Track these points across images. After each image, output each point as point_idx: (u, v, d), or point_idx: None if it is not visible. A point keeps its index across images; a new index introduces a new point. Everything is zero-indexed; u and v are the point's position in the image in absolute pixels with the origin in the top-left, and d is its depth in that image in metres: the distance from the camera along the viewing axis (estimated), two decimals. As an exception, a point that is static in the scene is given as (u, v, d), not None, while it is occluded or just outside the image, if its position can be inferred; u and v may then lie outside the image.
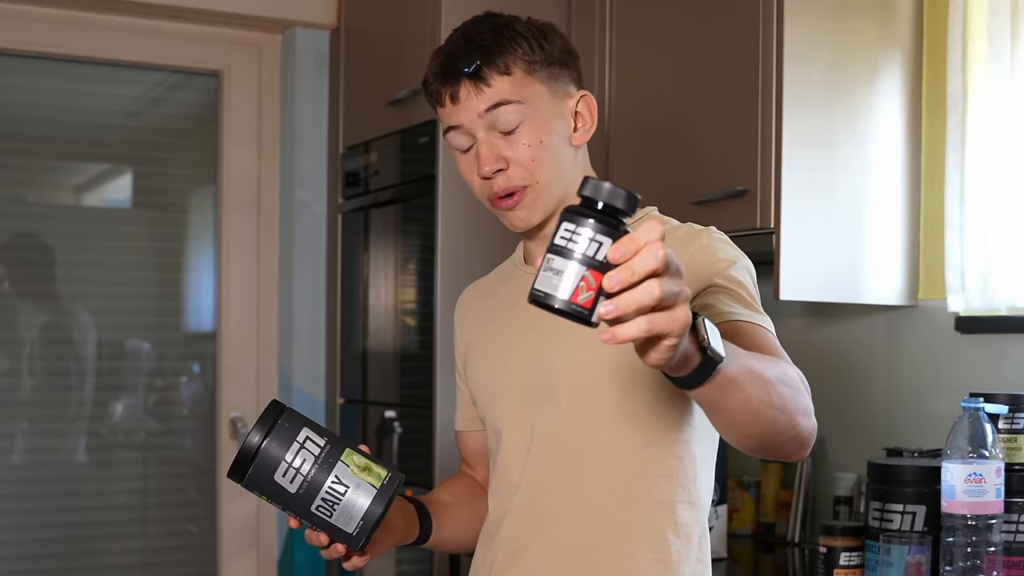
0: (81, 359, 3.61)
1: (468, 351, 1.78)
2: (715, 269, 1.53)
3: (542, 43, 1.60)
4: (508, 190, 1.59)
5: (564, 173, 1.61)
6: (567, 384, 1.58)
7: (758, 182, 2.47)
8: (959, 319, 2.52)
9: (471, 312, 1.81)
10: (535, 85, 1.58)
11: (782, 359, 1.45)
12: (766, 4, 2.46)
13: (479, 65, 1.56)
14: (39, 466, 3.57)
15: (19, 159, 3.60)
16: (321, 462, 1.48)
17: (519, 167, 1.58)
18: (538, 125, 1.58)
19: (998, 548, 2.03)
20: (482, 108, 1.57)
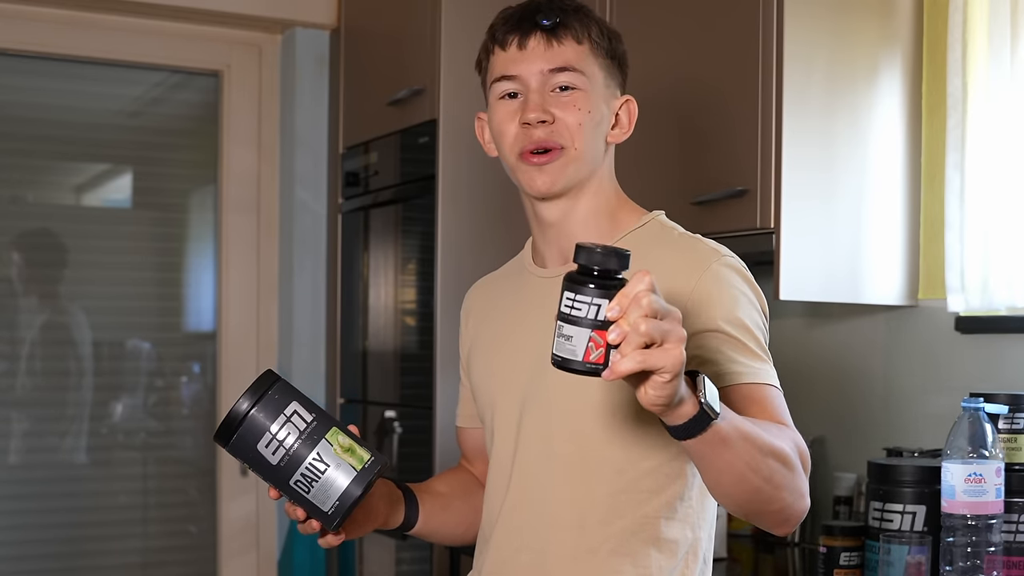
0: (81, 359, 3.61)
1: (471, 349, 1.77)
2: (721, 309, 1.51)
3: (611, 37, 1.64)
4: (546, 144, 1.58)
5: (596, 156, 1.61)
6: (559, 394, 1.57)
7: (758, 182, 2.47)
8: (959, 319, 2.52)
9: (477, 309, 1.81)
10: (596, 66, 1.60)
11: (784, 428, 1.45)
12: (766, 4, 2.46)
13: (559, 22, 1.58)
14: (39, 466, 3.57)
15: (19, 159, 3.60)
16: (305, 438, 1.48)
17: (563, 125, 1.58)
18: (591, 99, 1.59)
19: (998, 548, 2.03)
20: (548, 67, 1.58)
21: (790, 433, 1.45)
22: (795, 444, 1.43)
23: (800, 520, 1.45)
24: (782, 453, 1.38)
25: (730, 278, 1.54)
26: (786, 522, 1.44)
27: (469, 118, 3.03)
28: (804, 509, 1.44)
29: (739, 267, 1.57)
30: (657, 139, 2.78)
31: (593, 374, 1.22)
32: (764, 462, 1.35)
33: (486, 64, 1.65)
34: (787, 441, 1.41)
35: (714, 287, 1.52)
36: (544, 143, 1.58)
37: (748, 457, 1.34)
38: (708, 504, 1.61)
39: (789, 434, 1.45)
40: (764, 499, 1.39)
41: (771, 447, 1.37)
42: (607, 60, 1.62)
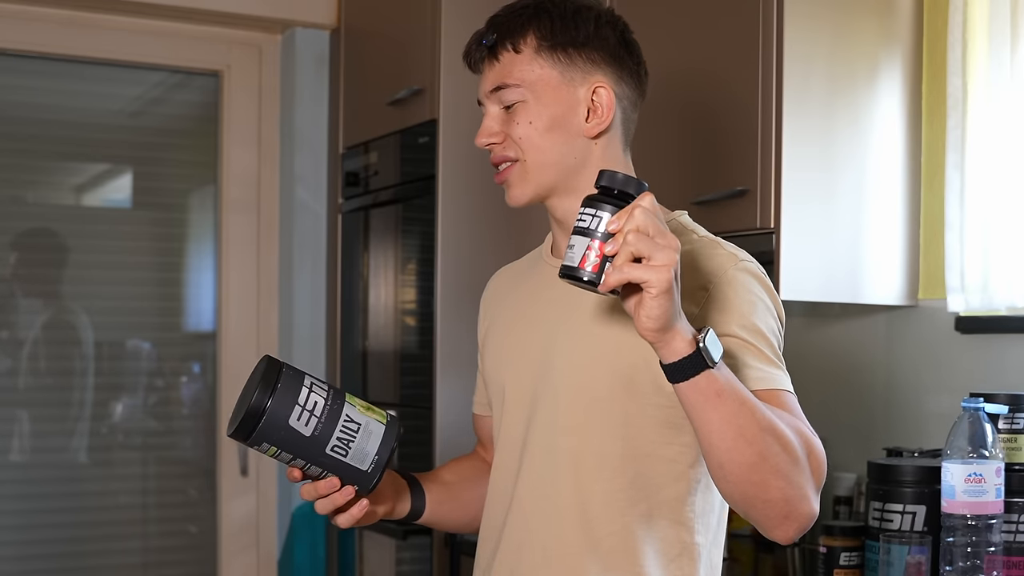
0: (81, 359, 3.61)
1: (486, 335, 1.78)
2: (736, 314, 1.51)
3: (568, 26, 1.60)
4: (498, 160, 1.62)
5: (560, 159, 1.60)
6: (565, 385, 1.58)
7: (758, 182, 2.47)
8: (959, 319, 2.52)
9: (495, 297, 1.81)
10: (543, 67, 1.59)
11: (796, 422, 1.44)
12: (766, 4, 2.46)
13: (493, 40, 1.61)
14: (39, 466, 3.57)
15: (19, 159, 3.60)
16: (331, 403, 1.51)
17: (511, 142, 1.60)
18: (533, 108, 1.58)
19: (998, 548, 2.03)
20: (489, 87, 1.62)
21: (802, 428, 1.44)
22: (804, 439, 1.42)
23: (804, 525, 1.41)
24: (784, 436, 1.37)
25: (747, 283, 1.53)
26: (786, 518, 1.40)
27: (469, 118, 3.04)
28: (808, 513, 1.41)
29: (757, 272, 1.56)
30: (657, 139, 2.78)
31: (591, 284, 1.30)
32: (761, 436, 1.35)
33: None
34: (793, 431, 1.40)
35: (731, 292, 1.52)
36: (498, 159, 1.62)
37: (744, 422, 1.34)
38: (712, 509, 1.60)
39: (800, 427, 1.43)
40: (759, 481, 1.37)
41: (772, 425, 1.36)
42: (562, 53, 1.59)
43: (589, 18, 1.61)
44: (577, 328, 1.59)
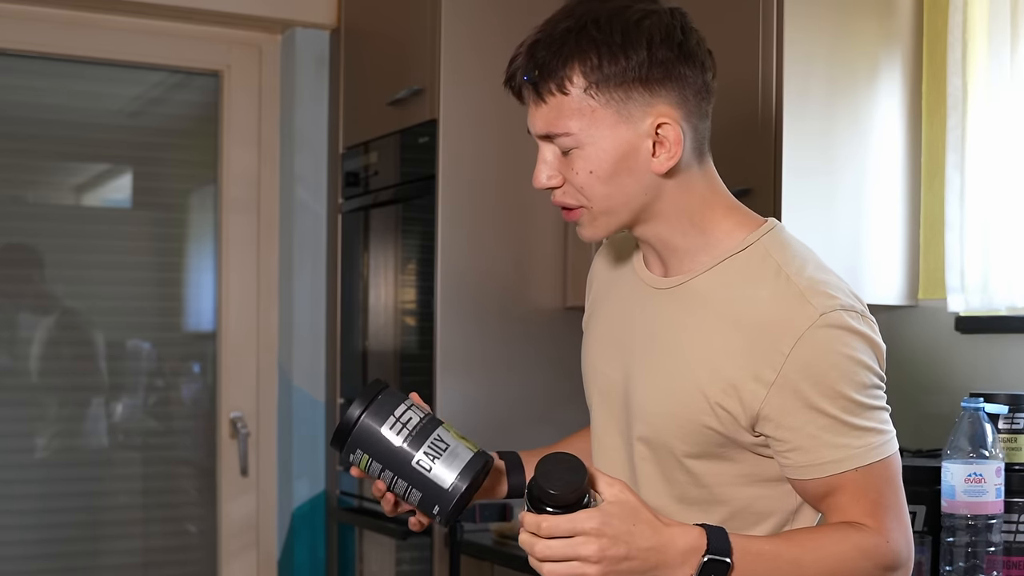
0: (81, 359, 3.61)
1: (588, 321, 1.66)
2: (820, 385, 1.37)
3: (617, 56, 1.39)
4: (564, 204, 1.47)
5: (630, 200, 1.44)
6: (639, 429, 1.50)
7: (758, 182, 2.47)
8: (959, 319, 2.52)
9: (602, 277, 1.66)
10: (595, 109, 1.40)
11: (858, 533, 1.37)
12: (766, 4, 2.46)
13: (536, 77, 1.41)
14: (39, 466, 3.57)
15: (19, 159, 3.60)
16: (427, 422, 1.53)
17: (571, 187, 1.44)
18: (590, 154, 1.41)
19: (998, 548, 2.03)
20: (537, 131, 1.45)
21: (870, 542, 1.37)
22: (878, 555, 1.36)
23: None
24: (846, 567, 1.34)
25: (833, 342, 1.37)
26: None
27: (469, 118, 3.05)
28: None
29: (847, 323, 1.38)
30: (657, 139, 2.78)
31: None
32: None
33: None
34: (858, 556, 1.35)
35: (813, 356, 1.36)
36: (562, 204, 1.47)
37: None
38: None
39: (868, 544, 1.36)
40: None
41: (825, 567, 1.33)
42: (615, 90, 1.39)
43: (641, 40, 1.39)
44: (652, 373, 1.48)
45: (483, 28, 3.03)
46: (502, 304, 3.12)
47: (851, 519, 1.38)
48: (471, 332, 3.08)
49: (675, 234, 1.47)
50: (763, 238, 1.46)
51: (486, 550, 2.83)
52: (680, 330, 1.46)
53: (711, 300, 1.44)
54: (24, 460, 3.55)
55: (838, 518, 1.39)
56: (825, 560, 1.34)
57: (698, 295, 1.46)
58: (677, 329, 1.46)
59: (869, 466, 1.39)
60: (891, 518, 1.39)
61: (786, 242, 1.47)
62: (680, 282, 1.48)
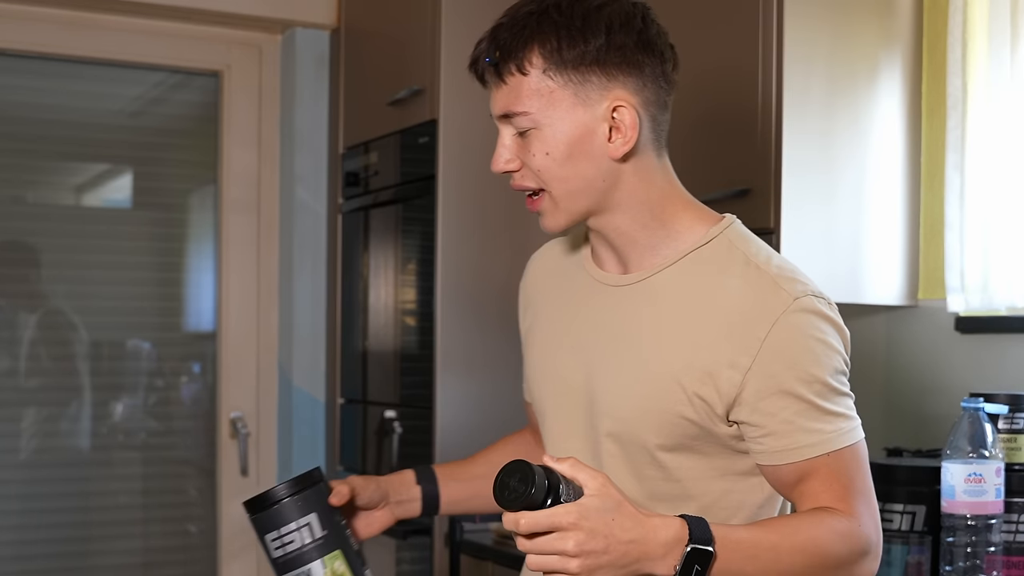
0: (82, 359, 3.61)
1: (529, 331, 1.67)
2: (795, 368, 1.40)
3: (576, 40, 1.41)
4: (524, 188, 1.49)
5: (588, 185, 1.45)
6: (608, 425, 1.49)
7: (758, 182, 2.47)
8: (959, 319, 2.52)
9: (540, 286, 1.67)
10: (553, 90, 1.42)
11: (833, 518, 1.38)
12: (766, 4, 2.46)
13: (497, 59, 1.45)
14: (39, 466, 3.57)
15: (19, 159, 3.60)
16: (307, 550, 1.56)
17: (529, 171, 1.46)
18: (547, 135, 1.44)
19: (998, 548, 2.03)
20: (496, 112, 1.47)
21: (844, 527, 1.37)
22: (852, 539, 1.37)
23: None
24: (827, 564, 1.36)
25: (807, 327, 1.41)
26: None
27: (469, 118, 3.05)
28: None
29: (818, 309, 1.43)
30: (657, 139, 2.78)
31: None
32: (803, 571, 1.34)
33: None
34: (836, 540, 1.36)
35: (788, 341, 1.39)
36: (521, 187, 1.49)
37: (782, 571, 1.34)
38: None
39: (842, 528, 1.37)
40: None
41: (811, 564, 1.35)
42: (573, 71, 1.42)
43: (600, 25, 1.42)
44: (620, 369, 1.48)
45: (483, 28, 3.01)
46: (502, 304, 3.11)
47: (823, 505, 1.39)
48: (471, 332, 3.08)
49: (636, 227, 1.49)
50: (726, 231, 1.50)
51: (486, 550, 2.83)
52: (648, 324, 1.47)
53: (680, 292, 1.46)
54: (23, 460, 3.55)
55: (810, 504, 1.40)
56: (802, 545, 1.35)
57: (665, 288, 1.47)
58: (645, 323, 1.47)
59: (840, 451, 1.41)
60: (862, 503, 1.40)
61: (748, 235, 1.52)
62: (643, 277, 1.50)
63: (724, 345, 1.40)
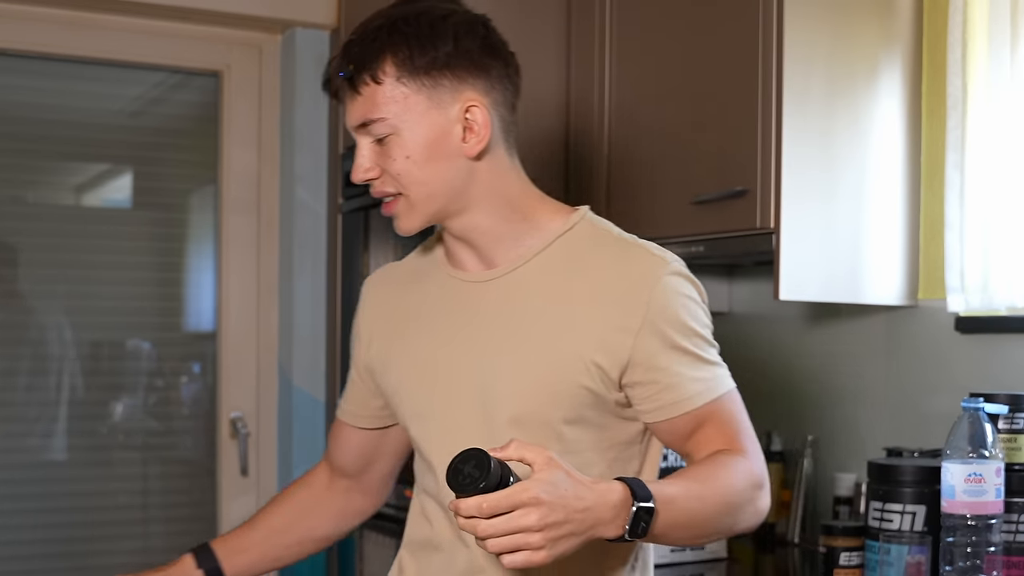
0: (81, 359, 3.61)
1: (381, 351, 1.71)
2: (677, 324, 1.52)
3: (426, 47, 1.51)
4: (383, 194, 1.57)
5: (444, 185, 1.55)
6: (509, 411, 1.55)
7: (758, 182, 2.47)
8: (959, 319, 2.52)
9: (386, 304, 1.74)
10: (408, 95, 1.51)
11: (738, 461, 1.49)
12: (766, 4, 2.46)
13: (351, 72, 1.53)
14: (39, 466, 3.57)
15: (19, 159, 3.60)
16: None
17: (388, 176, 1.55)
18: (405, 139, 1.52)
19: (998, 548, 2.03)
20: (353, 122, 1.55)
21: (742, 461, 1.49)
22: (751, 476, 1.49)
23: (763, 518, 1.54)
24: (738, 500, 1.46)
25: (681, 287, 1.54)
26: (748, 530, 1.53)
27: (469, 118, 3.05)
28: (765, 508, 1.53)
29: (685, 272, 1.57)
30: (657, 139, 2.78)
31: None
32: (725, 522, 1.47)
33: None
34: (741, 478, 1.47)
35: (668, 300, 1.52)
36: (381, 193, 1.57)
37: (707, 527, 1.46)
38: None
39: (743, 468, 1.49)
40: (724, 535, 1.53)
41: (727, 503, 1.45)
42: (424, 77, 1.51)
43: (447, 32, 1.53)
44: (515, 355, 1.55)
45: (483, 28, 3.02)
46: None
47: (718, 449, 1.52)
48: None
49: (498, 221, 1.58)
50: (586, 217, 1.62)
51: (486, 550, 2.82)
52: (534, 306, 1.55)
53: (558, 273, 1.56)
54: (23, 460, 3.55)
55: (707, 450, 1.52)
56: (720, 489, 1.45)
57: (542, 272, 1.57)
58: (530, 307, 1.55)
59: (725, 395, 1.55)
60: (749, 441, 1.54)
61: (603, 219, 1.63)
62: (517, 266, 1.58)
63: (611, 312, 1.51)
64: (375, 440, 1.82)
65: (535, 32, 3.07)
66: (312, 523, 1.86)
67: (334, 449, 1.86)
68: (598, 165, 2.94)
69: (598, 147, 2.94)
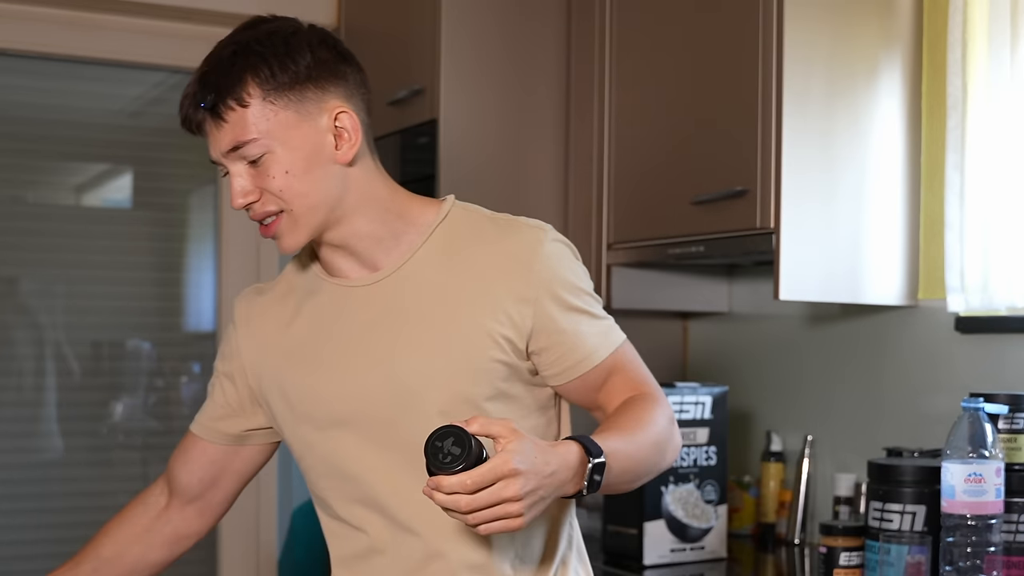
0: (81, 359, 3.61)
1: (274, 370, 1.68)
2: (567, 285, 1.59)
3: (286, 63, 1.54)
4: (264, 216, 1.56)
5: (325, 196, 1.56)
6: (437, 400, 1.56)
7: (758, 182, 2.47)
8: (959, 319, 2.52)
9: (271, 321, 1.72)
10: (277, 112, 1.53)
11: (650, 401, 1.58)
12: (766, 5, 2.46)
13: (214, 100, 1.52)
14: (39, 466, 3.57)
15: (19, 159, 3.60)
16: None
17: (269, 195, 1.55)
18: (281, 156, 1.53)
19: (998, 548, 2.03)
20: (223, 149, 1.54)
21: (655, 401, 1.59)
22: (667, 413, 1.58)
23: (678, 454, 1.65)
24: (657, 432, 1.55)
25: (562, 251, 1.61)
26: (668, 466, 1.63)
27: (469, 118, 3.06)
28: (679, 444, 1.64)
29: (561, 237, 1.62)
30: (657, 139, 2.78)
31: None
32: (655, 461, 1.55)
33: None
34: (660, 417, 1.56)
35: (554, 266, 1.58)
36: (262, 216, 1.56)
37: (643, 469, 1.54)
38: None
39: (659, 408, 1.58)
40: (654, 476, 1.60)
41: (655, 443, 1.54)
42: (290, 92, 1.53)
43: (302, 46, 1.57)
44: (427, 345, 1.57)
45: (483, 28, 3.03)
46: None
47: (630, 395, 1.60)
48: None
49: (376, 224, 1.61)
50: (455, 205, 1.66)
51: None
52: (428, 298, 1.59)
53: (445, 260, 1.60)
54: (23, 459, 3.55)
55: (619, 398, 1.60)
56: (648, 431, 1.53)
57: (428, 264, 1.60)
58: (423, 299, 1.59)
59: (622, 346, 1.63)
60: (651, 382, 1.63)
61: (471, 204, 1.68)
62: (402, 263, 1.61)
63: (504, 287, 1.56)
64: (227, 458, 1.81)
65: (535, 32, 3.08)
66: (144, 549, 1.87)
67: (180, 466, 1.85)
68: (598, 165, 2.94)
69: (598, 147, 2.95)
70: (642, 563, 2.60)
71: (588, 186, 2.98)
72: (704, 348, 3.26)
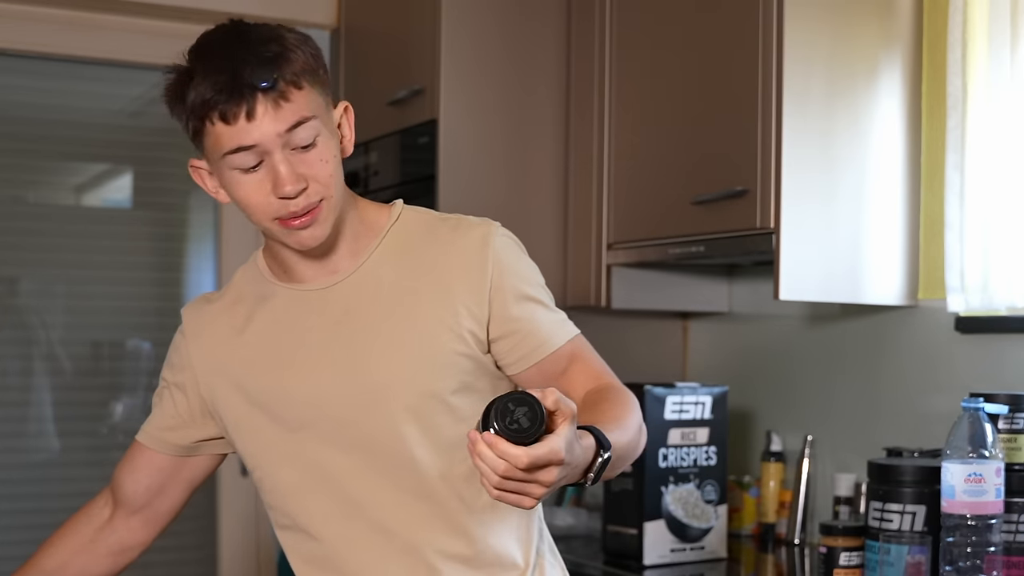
0: (81, 359, 3.61)
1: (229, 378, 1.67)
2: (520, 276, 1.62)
3: (312, 52, 1.55)
4: (308, 208, 1.52)
5: (344, 185, 1.60)
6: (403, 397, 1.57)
7: (758, 182, 2.47)
8: (959, 319, 2.52)
9: (223, 330, 1.71)
10: (319, 98, 1.54)
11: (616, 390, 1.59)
12: (766, 5, 2.46)
13: (276, 79, 1.48)
14: (39, 466, 3.57)
15: (19, 159, 3.60)
16: None
17: (317, 183, 1.52)
18: (328, 140, 1.54)
19: (998, 548, 2.03)
20: (283, 127, 1.48)
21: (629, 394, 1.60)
22: (635, 401, 1.59)
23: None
24: (638, 423, 1.56)
25: (511, 246, 1.64)
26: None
27: (469, 118, 3.06)
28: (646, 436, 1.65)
29: (509, 233, 1.65)
30: (657, 139, 2.78)
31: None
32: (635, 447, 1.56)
33: (204, 139, 1.56)
34: (637, 411, 1.57)
35: (505, 259, 1.61)
36: (306, 207, 1.52)
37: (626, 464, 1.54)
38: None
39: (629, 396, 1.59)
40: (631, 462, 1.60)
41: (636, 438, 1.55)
42: (323, 79, 1.55)
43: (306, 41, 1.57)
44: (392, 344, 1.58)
45: (483, 28, 3.03)
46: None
47: (591, 385, 1.61)
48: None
49: (344, 223, 1.61)
50: (405, 208, 1.69)
51: None
52: (387, 297, 1.60)
53: (400, 261, 1.61)
54: (23, 459, 3.55)
55: (580, 387, 1.60)
56: (629, 420, 1.53)
57: (384, 264, 1.61)
58: (383, 298, 1.60)
59: (578, 337, 1.65)
60: (612, 373, 1.64)
61: (419, 207, 1.71)
62: (358, 265, 1.62)
63: (461, 281, 1.58)
64: (175, 468, 1.79)
65: (535, 32, 3.08)
66: (88, 560, 1.86)
67: (126, 475, 1.84)
68: (598, 165, 2.94)
69: (598, 147, 2.95)
70: (642, 563, 2.60)
71: (588, 186, 2.98)
72: (704, 348, 3.26)
